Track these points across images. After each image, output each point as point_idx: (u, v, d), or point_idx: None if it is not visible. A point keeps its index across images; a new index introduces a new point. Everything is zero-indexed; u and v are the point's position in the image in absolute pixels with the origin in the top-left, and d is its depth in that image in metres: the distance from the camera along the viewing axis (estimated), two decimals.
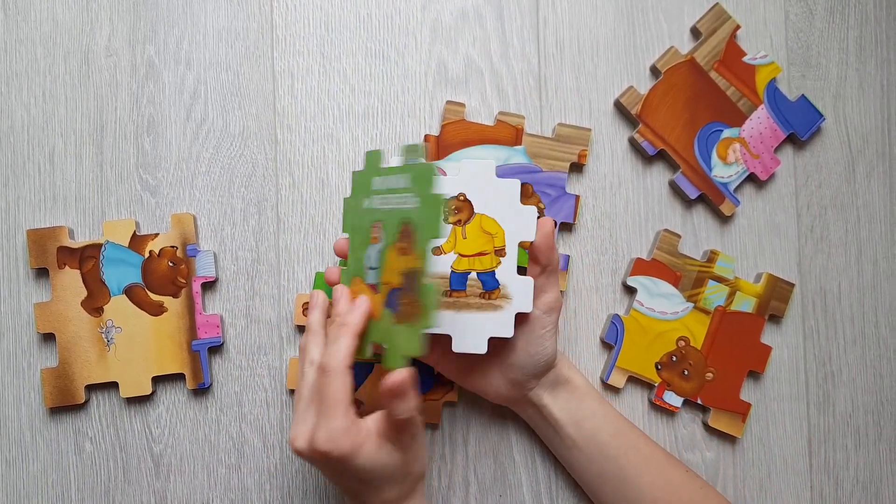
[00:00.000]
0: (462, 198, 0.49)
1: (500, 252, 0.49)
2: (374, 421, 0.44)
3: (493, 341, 0.49)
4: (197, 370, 0.56)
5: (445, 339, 0.49)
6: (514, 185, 0.49)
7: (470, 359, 0.51)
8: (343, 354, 0.42)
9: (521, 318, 0.49)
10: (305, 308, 0.56)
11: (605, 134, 0.60)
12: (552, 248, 0.49)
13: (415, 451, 0.45)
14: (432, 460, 0.57)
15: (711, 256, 0.58)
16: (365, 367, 0.56)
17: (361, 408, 0.56)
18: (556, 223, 0.57)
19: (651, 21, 0.60)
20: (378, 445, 0.43)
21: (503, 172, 0.57)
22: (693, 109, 0.59)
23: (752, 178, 0.60)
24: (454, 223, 0.49)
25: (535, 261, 0.50)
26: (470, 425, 0.58)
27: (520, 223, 0.49)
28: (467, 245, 0.49)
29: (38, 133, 0.57)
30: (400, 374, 0.41)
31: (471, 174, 0.49)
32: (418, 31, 0.59)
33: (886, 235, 0.61)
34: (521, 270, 0.50)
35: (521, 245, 0.49)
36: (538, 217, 0.49)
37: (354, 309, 0.45)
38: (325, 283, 0.51)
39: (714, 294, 0.58)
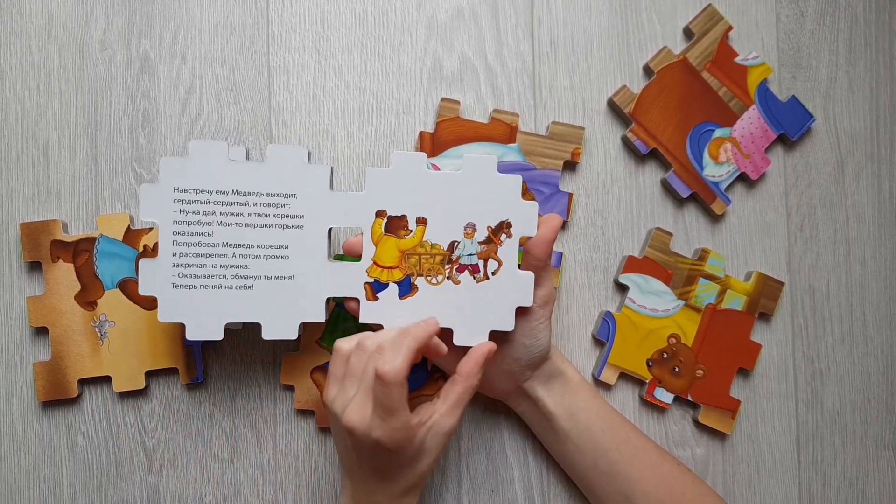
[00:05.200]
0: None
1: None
2: (427, 409, 0.48)
3: (491, 333, 0.50)
4: (190, 365, 0.56)
5: (442, 332, 0.50)
6: (516, 180, 0.49)
7: (465, 351, 0.52)
8: (401, 368, 0.44)
9: (518, 311, 0.50)
10: None
11: (599, 132, 0.60)
12: (550, 244, 0.50)
13: (447, 443, 0.48)
14: None
15: (702, 255, 0.59)
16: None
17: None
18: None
19: (644, 21, 0.61)
20: (427, 434, 0.47)
21: (499, 169, 0.57)
22: (685, 109, 0.60)
23: (742, 178, 0.61)
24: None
25: (532, 255, 0.50)
26: (462, 421, 0.58)
27: (522, 219, 0.49)
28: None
29: (32, 126, 0.57)
30: (489, 344, 0.49)
31: (473, 169, 0.49)
32: (414, 28, 0.60)
33: (874, 235, 0.62)
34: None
35: (521, 241, 0.50)
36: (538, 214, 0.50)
37: (423, 327, 0.48)
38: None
39: (705, 292, 0.59)
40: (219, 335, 0.50)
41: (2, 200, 0.57)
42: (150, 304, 0.55)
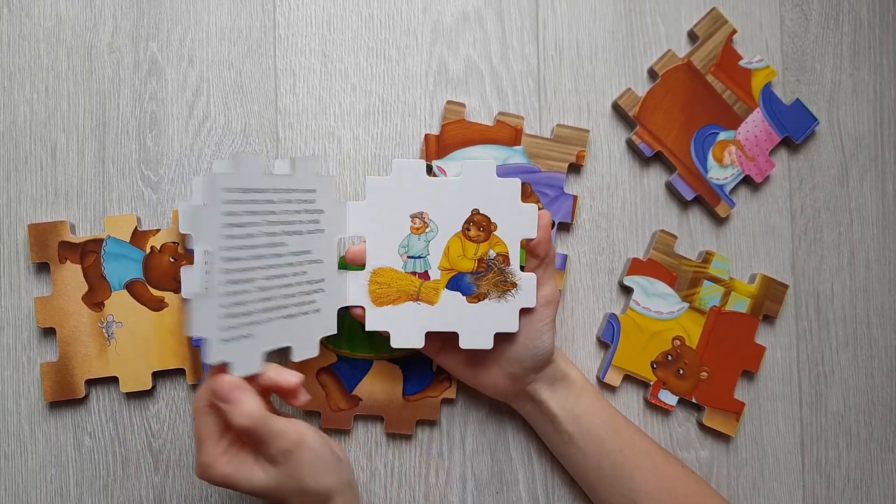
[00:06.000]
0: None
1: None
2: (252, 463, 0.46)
3: (495, 336, 0.50)
4: (197, 365, 0.56)
5: (446, 333, 0.50)
6: (515, 183, 0.50)
7: (470, 352, 0.52)
8: (199, 394, 0.45)
9: (522, 313, 0.50)
10: None
11: (603, 135, 0.61)
12: (550, 241, 0.50)
13: (294, 465, 0.45)
14: (430, 457, 0.58)
15: (707, 257, 0.59)
16: (364, 364, 0.57)
17: (360, 403, 0.57)
18: (553, 221, 0.58)
19: (649, 24, 0.61)
20: (253, 465, 0.45)
21: (502, 172, 0.57)
22: (690, 112, 0.60)
23: (747, 181, 0.61)
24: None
25: (533, 254, 0.50)
26: (467, 422, 0.58)
27: (521, 221, 0.50)
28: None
29: (41, 128, 0.58)
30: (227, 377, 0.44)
31: (472, 174, 0.50)
32: (419, 31, 0.60)
33: (878, 238, 0.62)
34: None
35: (522, 243, 0.50)
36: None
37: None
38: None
39: (709, 294, 0.59)
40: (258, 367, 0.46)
41: (10, 202, 0.57)
42: (157, 304, 0.56)
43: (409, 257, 0.50)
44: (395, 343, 0.50)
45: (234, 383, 0.44)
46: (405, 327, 0.50)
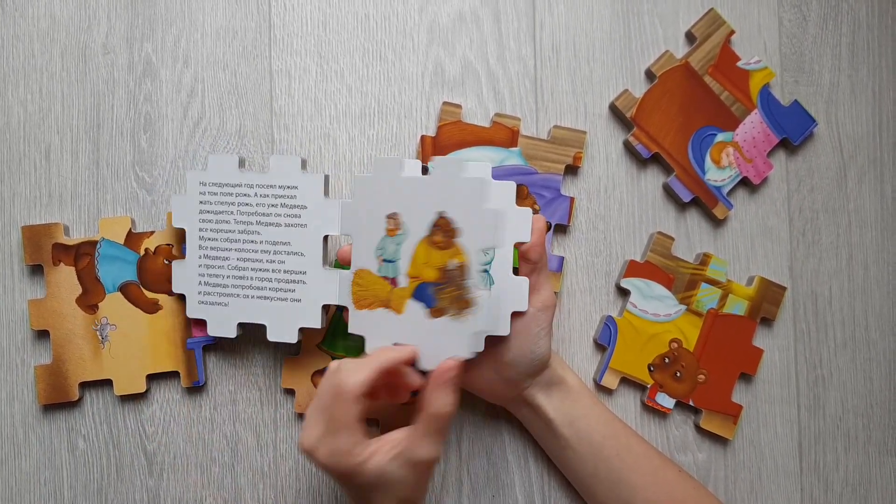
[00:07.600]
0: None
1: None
2: (395, 435, 0.45)
3: (488, 339, 0.49)
4: (191, 368, 0.56)
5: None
6: (510, 187, 0.49)
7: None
8: (359, 381, 0.43)
9: (516, 317, 0.50)
10: None
11: (600, 137, 0.60)
12: (543, 246, 0.50)
13: (427, 472, 0.45)
14: None
15: (704, 259, 0.59)
16: None
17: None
18: (549, 224, 0.58)
19: (646, 25, 0.61)
20: (390, 463, 0.43)
21: (498, 174, 0.57)
22: (687, 113, 0.59)
23: (745, 182, 0.61)
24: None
25: (525, 259, 0.50)
26: (463, 425, 0.58)
27: (515, 224, 0.49)
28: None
29: (35, 130, 0.57)
30: (450, 362, 0.45)
31: (440, 173, 0.48)
32: (415, 32, 0.60)
33: (877, 240, 0.62)
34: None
35: (516, 246, 0.50)
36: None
37: (395, 350, 0.46)
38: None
39: (707, 296, 0.59)
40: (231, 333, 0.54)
41: (4, 204, 0.57)
42: (151, 307, 0.55)
43: (383, 260, 0.48)
44: (369, 350, 0.49)
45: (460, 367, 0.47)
46: (378, 334, 0.49)
